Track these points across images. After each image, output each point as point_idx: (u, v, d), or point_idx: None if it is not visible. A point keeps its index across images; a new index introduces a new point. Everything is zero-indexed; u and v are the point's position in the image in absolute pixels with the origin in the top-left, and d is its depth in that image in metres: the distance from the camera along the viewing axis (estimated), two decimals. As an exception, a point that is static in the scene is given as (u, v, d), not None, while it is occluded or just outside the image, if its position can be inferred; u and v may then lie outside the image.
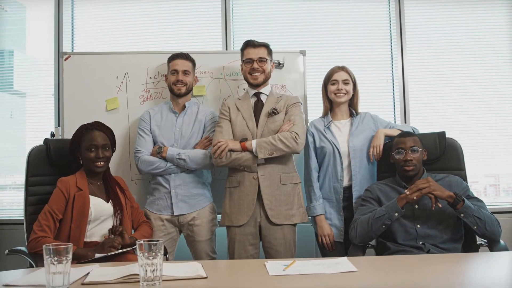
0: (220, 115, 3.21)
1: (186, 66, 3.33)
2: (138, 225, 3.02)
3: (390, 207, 2.68)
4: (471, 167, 3.20)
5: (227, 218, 3.11)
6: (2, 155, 3.55)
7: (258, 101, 3.22)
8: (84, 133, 2.88)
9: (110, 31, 4.35)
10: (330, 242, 3.18)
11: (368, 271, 2.07)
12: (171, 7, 4.36)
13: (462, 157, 3.04)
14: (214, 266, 2.23)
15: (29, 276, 2.04)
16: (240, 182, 3.09)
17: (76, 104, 3.65)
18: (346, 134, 3.27)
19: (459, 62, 4.32)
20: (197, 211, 3.26)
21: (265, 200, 3.03)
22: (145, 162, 3.22)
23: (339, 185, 3.19)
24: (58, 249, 1.69)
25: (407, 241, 2.70)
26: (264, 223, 3.06)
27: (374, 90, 4.26)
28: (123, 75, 3.68)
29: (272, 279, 1.92)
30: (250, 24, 4.36)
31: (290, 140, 3.00)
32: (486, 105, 4.29)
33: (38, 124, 4.31)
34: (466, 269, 2.16)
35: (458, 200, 2.57)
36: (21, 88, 4.48)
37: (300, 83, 3.76)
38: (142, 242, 1.75)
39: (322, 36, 4.34)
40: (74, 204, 2.72)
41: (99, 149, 2.84)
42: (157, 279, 1.76)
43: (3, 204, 4.39)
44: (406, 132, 3.03)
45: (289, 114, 3.13)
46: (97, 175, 2.89)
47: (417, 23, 4.35)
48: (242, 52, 3.25)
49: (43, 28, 4.41)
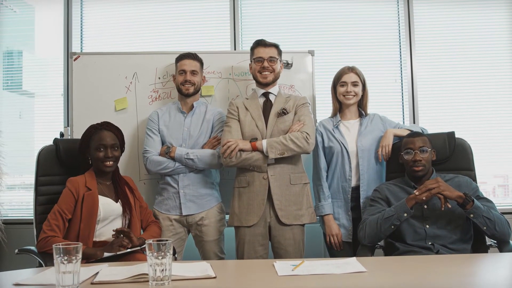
0: (228, 115, 3.20)
1: (194, 66, 3.33)
2: (147, 225, 3.02)
3: (399, 208, 2.67)
4: (480, 167, 3.18)
5: (236, 219, 3.10)
6: (11, 155, 3.57)
7: (267, 101, 3.22)
8: (93, 133, 2.89)
9: (119, 31, 4.37)
10: (338, 242, 3.17)
11: (377, 271, 2.06)
12: (179, 7, 4.37)
13: (471, 158, 3.02)
14: (222, 266, 2.23)
15: (39, 275, 2.05)
16: (249, 182, 3.08)
17: (85, 104, 3.67)
18: (355, 134, 3.26)
19: (468, 61, 4.30)
20: (206, 211, 3.26)
21: (275, 200, 3.03)
22: (153, 162, 3.23)
23: (348, 184, 3.19)
24: (68, 248, 1.70)
25: (416, 241, 2.69)
26: (274, 223, 3.05)
27: (382, 90, 4.24)
28: (132, 75, 3.69)
29: (281, 279, 1.92)
30: (259, 24, 4.36)
31: (301, 140, 3.00)
32: (495, 105, 4.28)
33: (47, 124, 4.33)
34: (475, 270, 2.15)
35: (468, 200, 2.56)
36: (30, 89, 4.50)
37: (309, 83, 3.76)
38: (151, 242, 1.75)
39: (330, 36, 4.34)
40: (83, 204, 2.73)
41: (108, 149, 2.85)
42: (166, 279, 1.77)
43: (12, 203, 4.41)
44: (415, 132, 3.01)
45: (299, 115, 3.13)
46: (106, 174, 2.90)
47: (426, 23, 4.33)
48: (252, 51, 3.26)
49: (52, 28, 4.43)
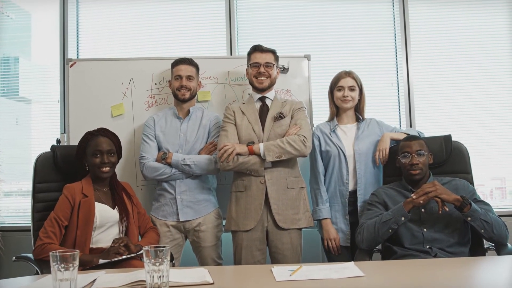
0: (225, 119, 3.20)
1: (189, 71, 3.32)
2: (145, 231, 3.02)
3: (396, 212, 2.67)
4: (477, 170, 3.18)
5: (233, 223, 3.10)
6: (8, 161, 3.56)
7: (264, 105, 3.22)
8: (89, 139, 2.89)
9: (115, 37, 4.37)
10: (336, 246, 3.17)
11: (375, 275, 2.06)
12: (175, 13, 4.37)
13: (468, 160, 3.03)
14: (220, 272, 2.23)
15: (36, 283, 2.04)
16: (246, 186, 3.08)
17: (81, 110, 3.66)
18: (352, 138, 3.27)
19: (464, 65, 4.31)
20: (203, 217, 3.25)
21: (273, 205, 3.03)
22: (150, 168, 3.22)
23: (345, 188, 3.19)
24: (65, 256, 1.69)
25: (414, 245, 2.69)
26: (271, 227, 3.05)
27: (379, 93, 4.25)
28: (128, 81, 3.69)
29: (279, 284, 1.92)
30: (255, 29, 4.37)
31: (298, 143, 3.00)
32: (492, 108, 4.28)
33: (44, 131, 4.32)
34: (473, 273, 2.15)
35: (465, 203, 2.56)
36: (27, 95, 4.49)
37: (305, 88, 3.76)
38: (148, 249, 1.75)
39: (326, 40, 4.34)
40: (80, 211, 2.72)
41: (104, 155, 2.84)
42: (163, 285, 1.76)
43: (9, 210, 4.40)
44: (412, 135, 3.02)
45: (295, 119, 3.13)
46: (103, 181, 2.90)
47: (422, 26, 4.34)
48: (249, 56, 3.26)
49: (48, 35, 4.43)
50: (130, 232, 2.83)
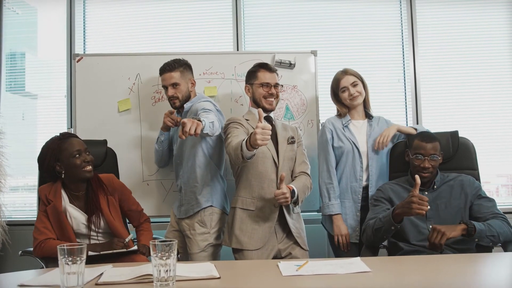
0: (232, 125, 3.00)
1: (173, 78, 3.19)
2: (138, 224, 2.98)
3: (386, 222, 2.64)
4: (484, 167, 3.18)
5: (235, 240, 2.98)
6: (14, 156, 3.56)
7: (271, 126, 2.92)
8: (61, 143, 2.77)
9: (121, 32, 4.37)
10: (346, 242, 3.13)
11: (382, 271, 2.05)
12: (182, 8, 4.36)
13: (475, 157, 3.04)
14: (227, 267, 2.23)
15: (43, 276, 2.05)
16: (257, 207, 2.96)
17: (88, 105, 3.67)
18: (364, 134, 3.27)
19: (471, 61, 4.30)
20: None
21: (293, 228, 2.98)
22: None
23: (358, 185, 3.18)
24: (72, 249, 1.70)
25: (420, 241, 2.69)
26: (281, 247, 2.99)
27: (386, 90, 4.25)
28: (135, 76, 3.70)
29: (285, 279, 1.92)
30: (261, 25, 4.35)
31: (310, 185, 3.04)
32: (499, 105, 4.27)
33: (50, 126, 4.32)
34: (480, 269, 2.15)
35: (471, 228, 2.52)
36: (33, 90, 4.50)
37: (312, 84, 3.76)
38: (156, 243, 1.75)
39: (333, 36, 4.33)
40: (50, 218, 2.68)
41: (83, 153, 2.76)
42: (170, 279, 1.76)
43: (15, 205, 4.42)
44: (428, 135, 2.92)
45: (300, 154, 3.11)
46: (79, 184, 2.79)
47: (429, 23, 4.33)
48: (254, 74, 3.11)
49: (54, 30, 4.43)
50: (114, 229, 2.75)
